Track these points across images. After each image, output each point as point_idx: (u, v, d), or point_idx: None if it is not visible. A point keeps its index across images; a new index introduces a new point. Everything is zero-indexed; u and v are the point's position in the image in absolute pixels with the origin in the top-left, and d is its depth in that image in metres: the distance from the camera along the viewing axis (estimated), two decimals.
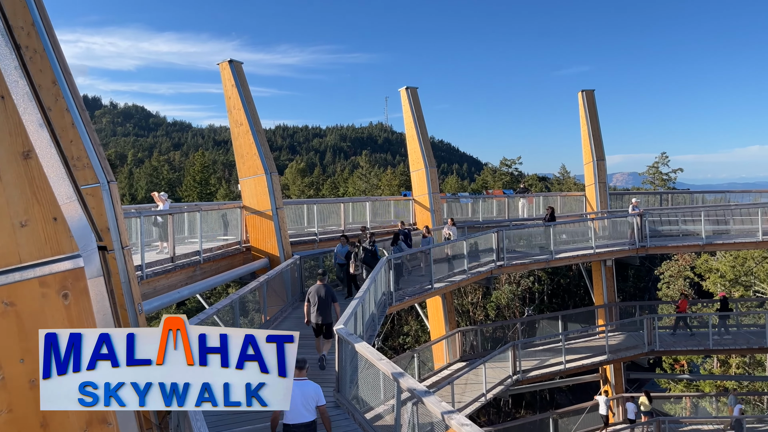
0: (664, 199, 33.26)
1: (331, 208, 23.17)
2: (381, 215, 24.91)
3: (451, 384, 17.84)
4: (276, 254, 17.81)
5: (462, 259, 19.78)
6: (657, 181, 62.48)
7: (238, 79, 17.81)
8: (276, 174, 18.23)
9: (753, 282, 47.91)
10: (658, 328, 25.21)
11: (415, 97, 23.59)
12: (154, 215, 15.20)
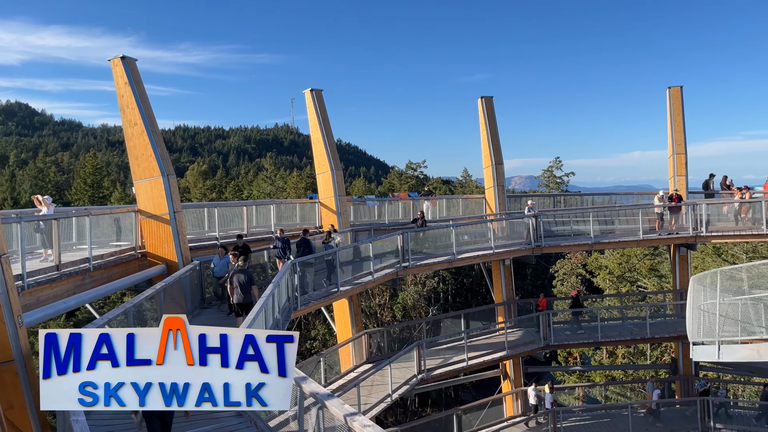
0: (557, 201, 35.08)
1: (234, 212, 22.55)
2: (287, 218, 24.56)
3: (357, 386, 17.86)
4: (174, 260, 17.06)
5: (368, 261, 19.89)
6: (551, 184, 66.03)
7: (131, 77, 16.90)
8: (174, 176, 17.47)
9: (637, 278, 51.76)
10: (552, 323, 26.59)
11: (320, 99, 23.47)
12: (36, 220, 14.08)
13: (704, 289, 12.94)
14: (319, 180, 24.09)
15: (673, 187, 28.01)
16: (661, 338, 27.51)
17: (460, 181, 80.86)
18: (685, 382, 27.32)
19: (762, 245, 41.96)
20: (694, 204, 25.35)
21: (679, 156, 28.36)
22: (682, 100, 28.71)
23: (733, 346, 12.10)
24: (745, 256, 43.62)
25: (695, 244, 26.04)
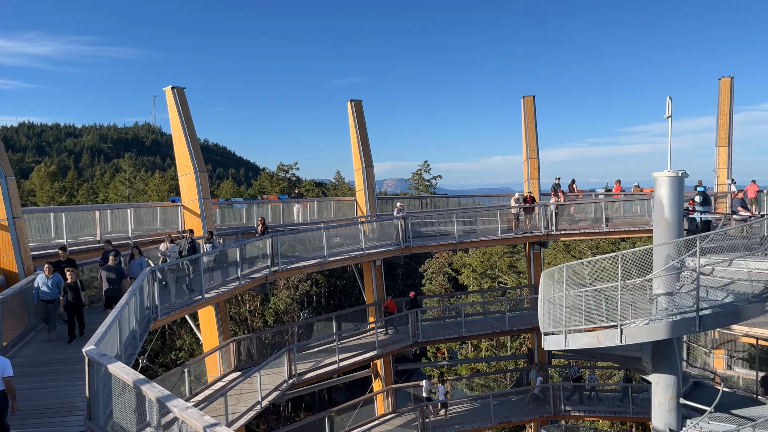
0: (426, 203, 36.33)
1: (87, 216, 20.76)
2: (147, 223, 23.09)
3: (224, 395, 17.22)
4: (14, 270, 15.38)
5: (236, 266, 19.26)
6: (420, 186, 68.27)
7: None
8: (13, 178, 15.75)
9: (498, 274, 55.05)
10: (421, 321, 27.46)
11: (182, 98, 22.39)
12: None
13: (553, 283, 13.96)
14: (181, 182, 22.96)
15: (527, 190, 30.13)
16: (518, 330, 29.42)
17: (333, 183, 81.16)
18: (540, 370, 29.43)
19: (604, 242, 46.42)
20: (545, 205, 27.45)
21: (532, 161, 30.56)
22: (534, 109, 30.96)
23: (577, 334, 13.20)
24: (590, 252, 48.04)
25: (547, 242, 28.18)
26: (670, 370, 13.21)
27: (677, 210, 13.37)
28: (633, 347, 12.95)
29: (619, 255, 12.37)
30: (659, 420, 13.35)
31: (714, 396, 13.64)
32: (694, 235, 12.77)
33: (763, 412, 13.64)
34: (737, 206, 18.32)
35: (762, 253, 12.83)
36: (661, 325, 11.88)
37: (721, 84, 28.95)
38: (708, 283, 12.82)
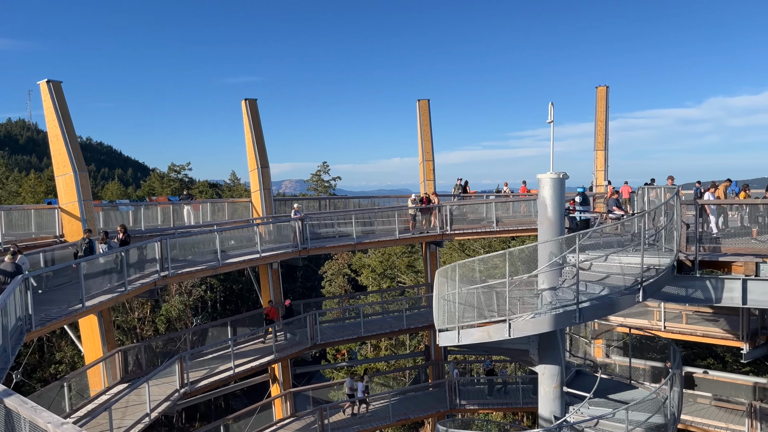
0: (325, 204, 36.21)
1: None
2: (20, 227, 21.20)
3: (108, 409, 16.14)
4: None
5: (120, 271, 18.11)
6: (320, 187, 67.94)
7: None
8: None
9: (396, 274, 55.91)
10: (320, 323, 27.30)
11: (59, 92, 20.79)
12: None
13: (447, 280, 14.33)
14: (59, 183, 21.30)
15: (423, 191, 30.84)
16: (416, 328, 30.02)
17: (228, 184, 78.83)
18: (437, 366, 30.21)
19: (495, 240, 48.48)
20: (440, 206, 28.21)
21: (428, 163, 31.34)
22: (429, 112, 31.77)
23: (470, 329, 13.65)
24: (483, 251, 50.00)
25: (442, 242, 28.99)
26: (555, 360, 13.99)
27: (559, 209, 14.18)
28: (521, 340, 13.58)
29: (506, 253, 12.94)
30: (545, 408, 14.09)
31: (594, 383, 14.62)
32: (574, 233, 13.59)
33: (636, 396, 14.79)
34: (612, 206, 19.71)
35: (633, 249, 13.88)
36: (546, 318, 12.54)
37: (598, 92, 31.15)
38: (587, 278, 13.70)
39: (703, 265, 15.67)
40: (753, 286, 14.87)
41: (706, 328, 26.38)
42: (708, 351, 38.43)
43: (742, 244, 16.11)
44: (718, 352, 38.19)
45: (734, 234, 16.78)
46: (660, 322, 26.80)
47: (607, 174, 30.46)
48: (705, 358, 38.72)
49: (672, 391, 14.84)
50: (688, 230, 15.85)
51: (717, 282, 15.24)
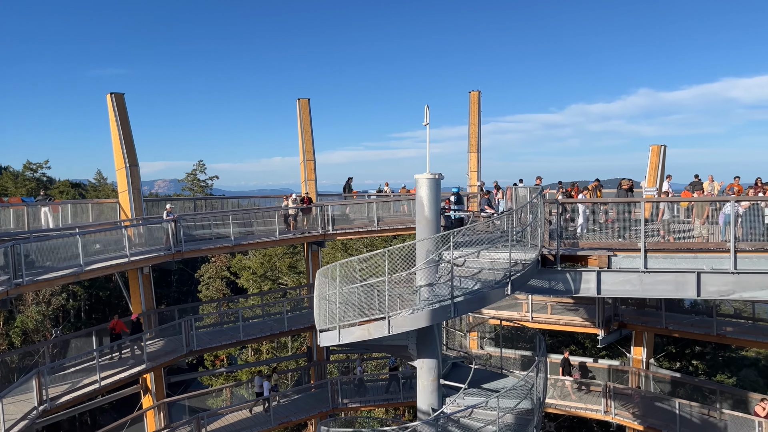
0: (202, 204, 34.78)
1: None
2: None
3: None
4: None
5: None
6: (195, 187, 65.13)
7: None
8: None
9: (278, 276, 55.04)
10: (196, 328, 26.20)
11: None
12: None
13: (328, 280, 14.32)
14: None
15: (305, 191, 30.61)
16: (298, 330, 29.69)
17: (93, 184, 73.35)
18: (319, 367, 30.13)
19: (377, 239, 49.28)
20: (322, 205, 28.16)
21: (309, 162, 31.14)
22: (309, 112, 31.57)
23: (350, 328, 13.74)
24: (366, 250, 50.64)
25: (324, 242, 28.92)
26: (432, 354, 14.45)
27: (435, 208, 14.67)
28: (400, 336, 13.88)
29: (386, 251, 13.18)
30: (424, 401, 14.51)
31: (469, 374, 15.29)
32: (449, 231, 14.13)
33: (506, 384, 15.66)
34: (484, 205, 20.76)
35: (502, 245, 14.68)
36: (423, 313, 12.92)
37: (471, 97, 32.64)
38: (461, 273, 14.31)
39: (564, 259, 16.92)
40: (606, 277, 16.31)
41: (568, 317, 28.58)
42: (570, 338, 41.64)
43: (597, 239, 17.62)
44: (579, 339, 41.48)
45: (590, 231, 18.30)
46: (528, 313, 28.65)
47: (480, 175, 32.00)
48: (568, 345, 41.93)
49: (538, 377, 15.88)
50: (550, 227, 17.05)
51: (576, 274, 16.53)
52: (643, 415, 25.66)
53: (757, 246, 16.14)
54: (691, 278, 15.99)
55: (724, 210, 16.80)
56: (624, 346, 30.81)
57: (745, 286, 15.79)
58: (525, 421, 14.84)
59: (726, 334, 25.47)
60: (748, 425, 22.33)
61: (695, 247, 16.53)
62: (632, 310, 28.67)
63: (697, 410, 24.25)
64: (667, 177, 23.84)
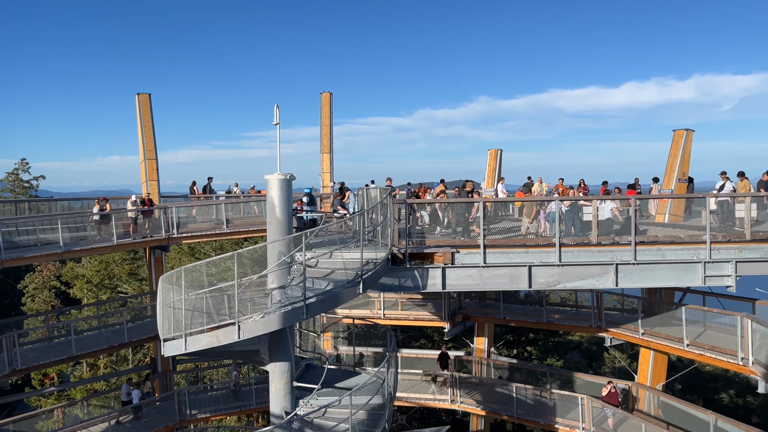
0: (26, 207, 31.25)
1: None
2: None
3: None
4: None
5: None
6: (18, 188, 58.30)
7: None
8: None
9: (117, 283, 51.08)
10: (20, 345, 23.51)
11: None
12: None
13: (172, 287, 13.54)
14: None
15: (146, 192, 28.72)
16: (140, 341, 27.81)
17: None
18: (164, 378, 28.45)
19: (228, 242, 47.64)
20: (165, 207, 26.60)
21: (150, 161, 29.24)
22: (151, 108, 29.67)
23: (198, 336, 13.11)
24: (215, 253, 48.71)
25: (168, 246, 27.34)
26: (285, 357, 14.27)
27: (287, 210, 14.51)
28: (251, 341, 13.51)
29: (235, 254, 12.76)
30: (276, 405, 14.28)
31: (322, 374, 15.32)
32: (301, 232, 14.04)
33: (359, 381, 15.92)
34: (337, 205, 20.94)
35: (354, 245, 14.91)
36: (275, 316, 12.71)
37: (323, 98, 32.79)
38: (314, 275, 14.29)
39: (412, 257, 17.64)
40: (450, 273, 17.28)
41: (417, 312, 29.82)
42: (421, 333, 43.49)
43: (442, 237, 18.58)
44: (428, 333, 43.46)
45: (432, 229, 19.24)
46: (380, 310, 29.42)
47: (333, 175, 32.25)
48: (418, 340, 43.77)
49: (389, 372, 16.35)
50: (400, 225, 17.66)
51: (423, 271, 17.31)
52: (485, 401, 27.53)
53: (578, 240, 18.05)
54: (524, 271, 17.47)
55: (550, 209, 18.57)
56: (468, 337, 32.80)
57: (569, 277, 17.59)
58: (377, 416, 15.20)
59: (554, 321, 28.13)
60: (573, 402, 24.85)
61: (528, 243, 18.07)
62: (475, 303, 30.61)
63: (531, 392, 26.54)
64: (500, 179, 25.75)
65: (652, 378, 25.53)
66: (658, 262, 17.65)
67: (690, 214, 22.53)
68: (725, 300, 22.14)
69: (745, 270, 17.72)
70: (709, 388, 41.29)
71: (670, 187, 25.91)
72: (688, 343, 20.81)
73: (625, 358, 37.07)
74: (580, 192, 24.01)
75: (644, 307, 24.00)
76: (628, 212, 18.25)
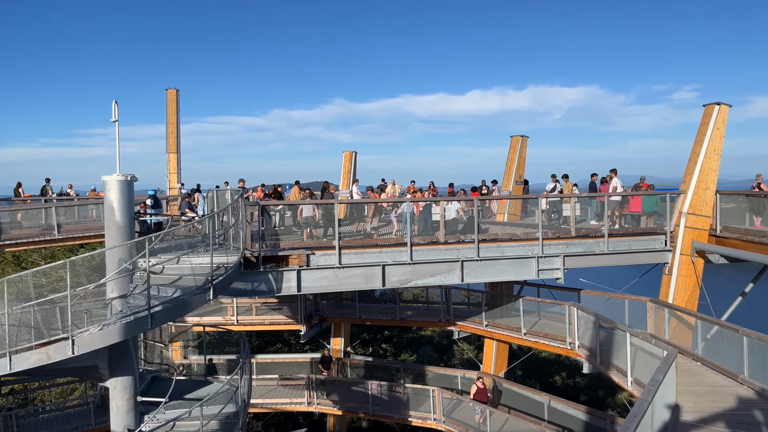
0: None
1: None
2: None
3: None
4: None
5: None
6: None
7: None
8: None
9: None
10: None
11: None
12: None
13: None
14: None
15: None
16: None
17: None
18: None
19: (59, 249, 43.36)
20: None
21: None
22: None
23: (25, 353, 11.80)
24: (44, 262, 44.08)
25: None
26: (128, 371, 13.32)
27: (128, 213, 13.55)
28: (89, 356, 12.43)
29: (68, 262, 11.66)
30: (118, 423, 13.28)
31: (170, 386, 14.49)
32: (145, 237, 13.18)
33: (211, 390, 15.31)
34: (185, 208, 19.97)
35: (204, 249, 14.32)
36: (115, 328, 11.80)
37: (168, 95, 31.09)
38: (160, 282, 13.47)
39: (266, 260, 17.32)
40: (305, 275, 17.24)
41: (273, 316, 29.35)
42: (277, 337, 42.85)
43: (297, 240, 18.47)
44: (285, 337, 42.95)
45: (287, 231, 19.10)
46: (233, 316, 28.55)
47: (180, 177, 30.71)
48: (275, 344, 43.08)
49: (243, 379, 15.93)
50: (253, 228, 17.26)
51: (277, 274, 17.08)
52: (341, 400, 27.82)
53: (427, 240, 18.90)
54: (377, 271, 17.93)
55: (402, 209, 19.26)
56: (325, 339, 32.94)
57: (419, 275, 18.36)
58: (230, 425, 14.74)
59: (407, 318, 29.18)
60: (425, 394, 25.95)
61: (380, 243, 18.55)
62: (331, 303, 30.81)
63: (386, 388, 27.28)
64: (355, 181, 26.23)
65: (496, 366, 27.47)
66: (499, 258, 19.01)
67: (526, 214, 24.61)
68: (556, 291, 24.38)
69: (571, 263, 19.70)
70: (545, 372, 45.31)
71: (509, 188, 28.05)
72: (526, 331, 22.64)
73: (473, 350, 39.44)
74: (430, 193, 25.18)
75: (487, 300, 25.72)
76: (471, 212, 19.48)
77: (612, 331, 16.94)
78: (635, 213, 21.43)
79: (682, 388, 13.67)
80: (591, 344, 18.54)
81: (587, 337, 19.16)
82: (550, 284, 22.91)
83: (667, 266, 20.67)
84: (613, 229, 20.28)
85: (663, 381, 10.62)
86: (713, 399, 13.32)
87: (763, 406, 12.90)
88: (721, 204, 20.11)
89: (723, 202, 20.14)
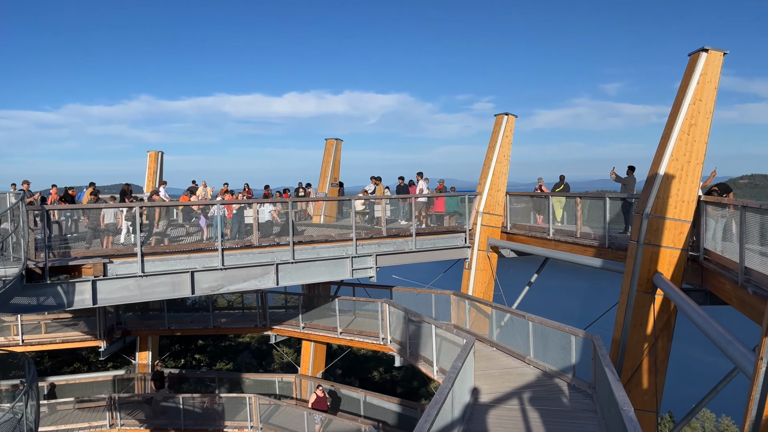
0: None
1: None
2: None
3: None
4: None
5: None
6: None
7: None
8: None
9: None
10: None
11: None
12: None
13: None
14: None
15: None
16: None
17: None
18: None
19: None
20: None
21: None
22: None
23: None
24: None
25: None
26: None
27: None
28: None
29: None
30: None
31: None
32: None
33: None
34: None
35: None
36: None
37: None
38: None
39: (56, 271, 15.45)
40: (102, 286, 15.68)
41: (66, 333, 26.37)
42: (74, 356, 38.57)
43: (96, 248, 16.75)
44: (83, 355, 38.83)
45: (81, 239, 17.27)
46: (18, 336, 25.16)
47: None
48: (72, 364, 38.73)
49: (28, 406, 14.01)
50: (37, 235, 15.28)
51: (68, 286, 15.31)
52: (150, 418, 25.83)
53: (241, 243, 18.33)
54: (186, 278, 16.94)
55: (212, 212, 18.43)
56: (129, 354, 30.40)
57: (232, 280, 17.73)
58: None
59: (222, 326, 28.03)
60: (241, 402, 25.17)
61: (187, 249, 17.55)
62: (137, 315, 28.51)
63: (199, 400, 25.93)
64: (162, 183, 24.56)
65: (313, 367, 27.61)
66: (314, 259, 19.10)
67: (342, 215, 25.09)
68: (371, 289, 25.19)
69: (383, 262, 20.49)
70: (363, 368, 46.71)
71: (324, 190, 28.40)
72: (341, 331, 23.04)
73: (292, 353, 39.20)
74: (245, 195, 24.49)
75: (305, 302, 25.71)
76: (287, 215, 19.31)
77: (420, 324, 17.92)
78: (439, 213, 22.98)
79: (480, 373, 14.92)
80: (401, 338, 19.43)
81: (398, 331, 20.04)
82: (365, 283, 23.61)
83: (467, 261, 22.48)
84: (420, 229, 21.52)
85: (462, 367, 11.44)
86: (505, 380, 14.74)
87: (546, 382, 14.60)
88: (511, 204, 22.48)
89: (512, 203, 22.53)
